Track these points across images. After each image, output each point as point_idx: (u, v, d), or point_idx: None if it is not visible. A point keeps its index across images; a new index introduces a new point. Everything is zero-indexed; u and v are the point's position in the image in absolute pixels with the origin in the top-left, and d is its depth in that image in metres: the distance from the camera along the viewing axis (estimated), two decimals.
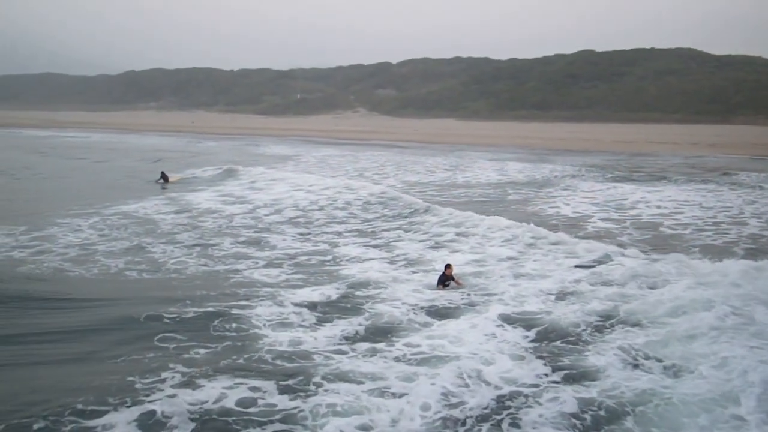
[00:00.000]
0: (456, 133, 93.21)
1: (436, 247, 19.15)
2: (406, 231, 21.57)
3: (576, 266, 16.23)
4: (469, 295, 13.89)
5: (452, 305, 13.22)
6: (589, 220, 23.80)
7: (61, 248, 18.25)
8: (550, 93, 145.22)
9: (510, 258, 17.48)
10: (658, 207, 26.97)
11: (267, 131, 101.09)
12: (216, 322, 11.66)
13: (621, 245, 18.86)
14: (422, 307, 13.00)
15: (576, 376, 9.69)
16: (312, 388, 9.09)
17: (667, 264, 15.78)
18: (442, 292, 13.98)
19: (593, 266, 16.08)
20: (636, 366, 10.04)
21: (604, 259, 16.61)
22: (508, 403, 8.86)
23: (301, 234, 21.14)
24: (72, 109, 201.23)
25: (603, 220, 23.97)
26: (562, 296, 13.81)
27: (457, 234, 20.59)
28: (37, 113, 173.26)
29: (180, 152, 58.74)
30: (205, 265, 16.67)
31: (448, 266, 14.56)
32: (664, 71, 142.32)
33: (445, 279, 14.26)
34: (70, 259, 17.11)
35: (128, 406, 8.34)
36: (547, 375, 9.75)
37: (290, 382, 9.28)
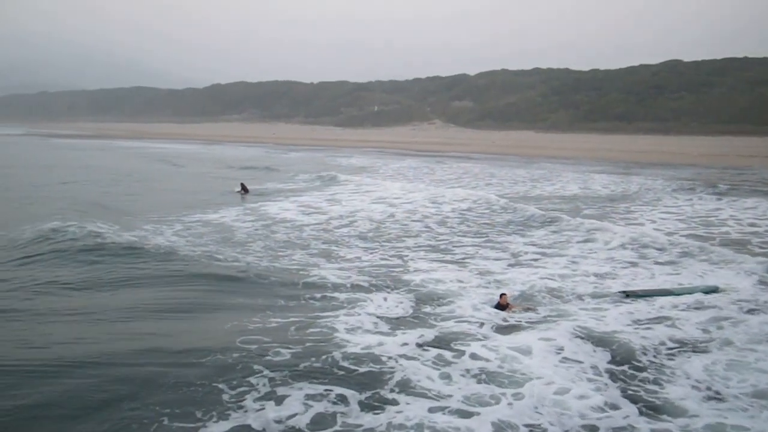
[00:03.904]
0: (535, 145, 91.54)
1: (523, 263, 18.95)
2: (483, 247, 21.35)
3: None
4: (545, 318, 13.48)
5: (527, 324, 12.94)
6: (672, 237, 22.74)
7: (152, 249, 19.16)
8: (634, 104, 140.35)
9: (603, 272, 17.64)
10: (751, 224, 25.54)
11: (345, 143, 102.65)
12: (293, 329, 11.91)
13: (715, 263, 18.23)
14: (493, 324, 12.81)
15: (653, 409, 9.26)
16: (388, 405, 9.13)
17: None
18: (515, 315, 13.64)
19: (691, 293, 15.25)
20: (720, 399, 9.47)
21: (707, 283, 15.98)
22: None
23: (369, 248, 21.17)
24: (161, 120, 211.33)
25: (687, 236, 22.86)
26: (650, 320, 13.22)
27: (541, 253, 20.32)
28: (130, 125, 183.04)
29: (262, 162, 60.29)
30: (279, 273, 17.00)
31: (502, 295, 14.22)
32: (757, 81, 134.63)
33: (501, 308, 13.86)
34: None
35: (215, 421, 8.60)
36: (621, 406, 9.33)
37: (366, 395, 9.39)
